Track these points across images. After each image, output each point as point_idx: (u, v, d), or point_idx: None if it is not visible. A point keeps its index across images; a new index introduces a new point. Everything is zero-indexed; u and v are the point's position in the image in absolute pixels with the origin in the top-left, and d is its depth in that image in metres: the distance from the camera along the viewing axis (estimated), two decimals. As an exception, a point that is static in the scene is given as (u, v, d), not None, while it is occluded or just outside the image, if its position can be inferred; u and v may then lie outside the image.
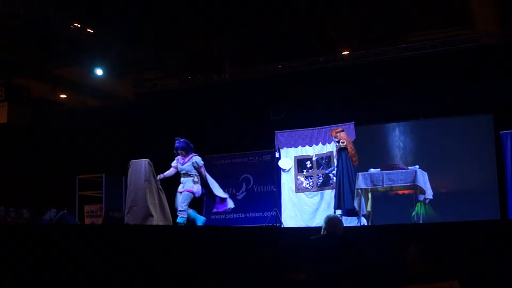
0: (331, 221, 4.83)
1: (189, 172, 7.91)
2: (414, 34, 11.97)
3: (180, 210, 7.72)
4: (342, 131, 9.60)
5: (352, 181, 9.12)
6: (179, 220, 7.75)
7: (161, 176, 8.13)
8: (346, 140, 9.38)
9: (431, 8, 11.02)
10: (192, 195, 7.89)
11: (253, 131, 12.74)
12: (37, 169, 14.23)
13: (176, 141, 8.14)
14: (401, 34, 12.01)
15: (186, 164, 7.96)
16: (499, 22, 11.34)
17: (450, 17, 11.35)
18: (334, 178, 9.39)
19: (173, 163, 8.12)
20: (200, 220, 8.00)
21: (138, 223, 7.12)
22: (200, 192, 8.04)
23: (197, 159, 8.04)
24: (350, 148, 9.35)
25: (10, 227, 7.17)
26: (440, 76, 11.54)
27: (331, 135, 9.66)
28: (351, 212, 9.09)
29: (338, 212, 9.22)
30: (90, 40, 11.22)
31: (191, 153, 8.04)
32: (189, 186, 7.87)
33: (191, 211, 7.98)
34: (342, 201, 9.07)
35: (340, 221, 5.02)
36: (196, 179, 7.94)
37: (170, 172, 8.14)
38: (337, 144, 9.42)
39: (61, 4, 10.38)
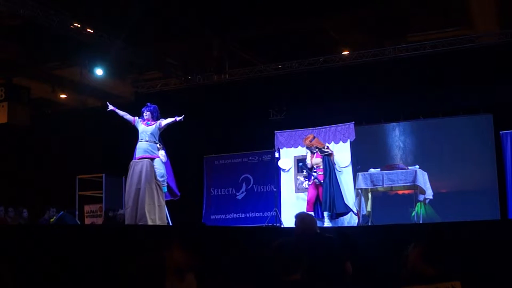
0: (300, 219, 4.78)
1: (154, 135, 7.73)
2: (414, 34, 11.97)
3: (163, 180, 7.59)
4: (314, 137, 9.70)
5: (339, 185, 9.35)
6: (164, 189, 7.64)
7: (112, 108, 7.86)
8: (325, 146, 9.56)
9: (431, 8, 11.02)
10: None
11: (253, 131, 12.73)
12: (37, 169, 14.22)
13: (147, 106, 7.91)
14: (401, 34, 12.00)
15: (151, 126, 7.78)
16: (499, 22, 11.34)
17: (450, 17, 11.35)
18: (316, 180, 9.40)
19: (135, 118, 7.87)
20: None
21: (133, 223, 7.11)
22: (166, 157, 7.89)
23: (161, 119, 7.86)
24: (332, 153, 9.53)
25: (10, 227, 7.17)
26: (440, 76, 11.54)
27: (306, 143, 9.68)
28: (339, 215, 9.23)
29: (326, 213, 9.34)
30: (90, 40, 11.22)
31: (157, 120, 7.88)
32: (156, 153, 7.70)
33: None
34: (333, 205, 9.10)
35: (311, 217, 5.02)
36: (160, 145, 7.80)
37: (125, 115, 7.87)
38: (316, 149, 9.48)
39: (61, 4, 10.38)
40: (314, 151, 9.53)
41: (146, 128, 7.74)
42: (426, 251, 3.07)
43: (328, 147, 9.62)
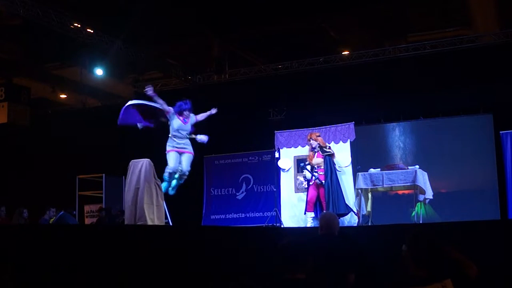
0: (324, 219, 4.86)
1: (189, 133, 7.80)
2: (414, 34, 11.98)
3: (186, 174, 7.70)
4: (319, 135, 9.70)
5: (340, 185, 9.32)
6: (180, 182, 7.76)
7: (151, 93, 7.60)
8: (328, 145, 9.56)
9: (431, 8, 11.03)
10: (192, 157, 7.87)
11: (253, 131, 12.73)
12: (37, 169, 14.23)
13: (184, 102, 7.82)
14: (401, 34, 12.02)
15: (188, 124, 7.86)
16: (499, 22, 11.34)
17: (450, 17, 11.36)
18: (317, 180, 9.40)
19: (171, 109, 7.70)
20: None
21: (132, 223, 7.11)
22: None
23: (194, 116, 7.93)
24: (333, 153, 9.54)
25: (10, 227, 7.17)
26: (440, 76, 11.54)
27: (310, 137, 9.64)
28: (341, 215, 9.21)
29: (312, 214, 9.36)
30: (90, 40, 11.22)
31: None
32: (191, 149, 7.83)
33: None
34: (336, 205, 9.09)
35: (335, 218, 5.02)
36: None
37: (163, 104, 7.65)
38: (314, 147, 9.50)
39: (61, 4, 10.39)
40: (316, 150, 9.51)
41: (184, 126, 7.76)
42: (416, 253, 3.08)
43: (330, 148, 9.61)
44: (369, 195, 9.06)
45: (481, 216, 9.58)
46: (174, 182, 7.73)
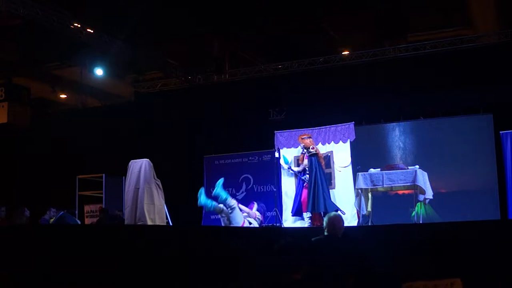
0: (329, 221, 4.90)
1: None
2: (414, 34, 11.98)
3: None
4: (309, 137, 9.73)
5: (325, 184, 9.34)
6: None
7: None
8: (313, 145, 9.58)
9: (431, 8, 11.03)
10: None
11: (253, 131, 12.73)
12: (37, 169, 14.22)
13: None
14: (401, 34, 12.01)
15: None
16: (499, 22, 11.35)
17: (450, 17, 11.36)
18: (307, 182, 9.47)
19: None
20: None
21: (133, 223, 7.11)
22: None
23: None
24: (319, 153, 9.55)
25: (10, 227, 7.16)
26: (440, 76, 11.54)
27: (298, 141, 9.87)
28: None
29: (308, 214, 9.42)
30: (90, 40, 11.22)
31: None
32: None
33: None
34: (316, 204, 9.11)
35: (339, 220, 5.03)
36: None
37: None
38: (304, 149, 9.62)
39: (61, 4, 10.39)
40: (303, 151, 9.63)
41: None
42: (427, 249, 3.10)
43: (314, 147, 9.58)
44: (369, 195, 9.06)
45: (481, 216, 9.58)
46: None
